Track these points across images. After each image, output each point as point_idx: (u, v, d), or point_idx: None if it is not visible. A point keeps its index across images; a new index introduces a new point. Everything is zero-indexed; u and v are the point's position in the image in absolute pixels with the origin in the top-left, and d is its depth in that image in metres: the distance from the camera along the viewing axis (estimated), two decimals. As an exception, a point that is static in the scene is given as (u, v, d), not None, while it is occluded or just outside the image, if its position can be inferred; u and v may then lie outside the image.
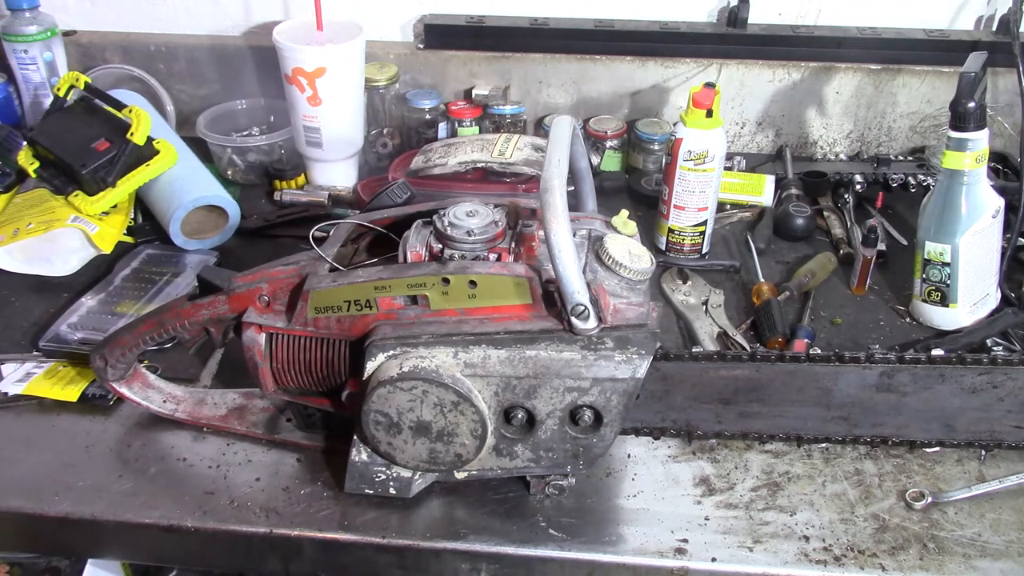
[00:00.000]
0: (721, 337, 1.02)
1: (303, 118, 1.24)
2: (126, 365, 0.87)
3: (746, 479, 0.84)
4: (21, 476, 0.84)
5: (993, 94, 1.31)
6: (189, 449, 0.88)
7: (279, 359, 0.80)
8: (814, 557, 0.76)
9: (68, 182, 1.16)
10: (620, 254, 0.75)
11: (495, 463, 0.77)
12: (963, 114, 0.95)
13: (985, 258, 1.01)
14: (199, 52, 1.44)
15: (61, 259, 1.12)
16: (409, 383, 0.72)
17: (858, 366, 0.80)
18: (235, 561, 0.83)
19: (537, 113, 1.43)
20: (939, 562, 0.76)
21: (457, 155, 1.21)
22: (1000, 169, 1.29)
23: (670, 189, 1.12)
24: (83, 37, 1.45)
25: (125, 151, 1.13)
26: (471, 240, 0.74)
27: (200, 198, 1.16)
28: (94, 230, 1.12)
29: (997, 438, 0.83)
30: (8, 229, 1.12)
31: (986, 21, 1.35)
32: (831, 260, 1.14)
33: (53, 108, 1.21)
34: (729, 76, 1.36)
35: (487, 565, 0.79)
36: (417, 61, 1.40)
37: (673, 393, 0.83)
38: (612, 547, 0.78)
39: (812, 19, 1.36)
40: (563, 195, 0.69)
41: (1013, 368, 0.79)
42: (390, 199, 0.86)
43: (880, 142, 1.40)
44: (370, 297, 0.74)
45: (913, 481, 0.83)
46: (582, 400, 0.73)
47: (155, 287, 1.09)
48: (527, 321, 0.72)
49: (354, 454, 0.79)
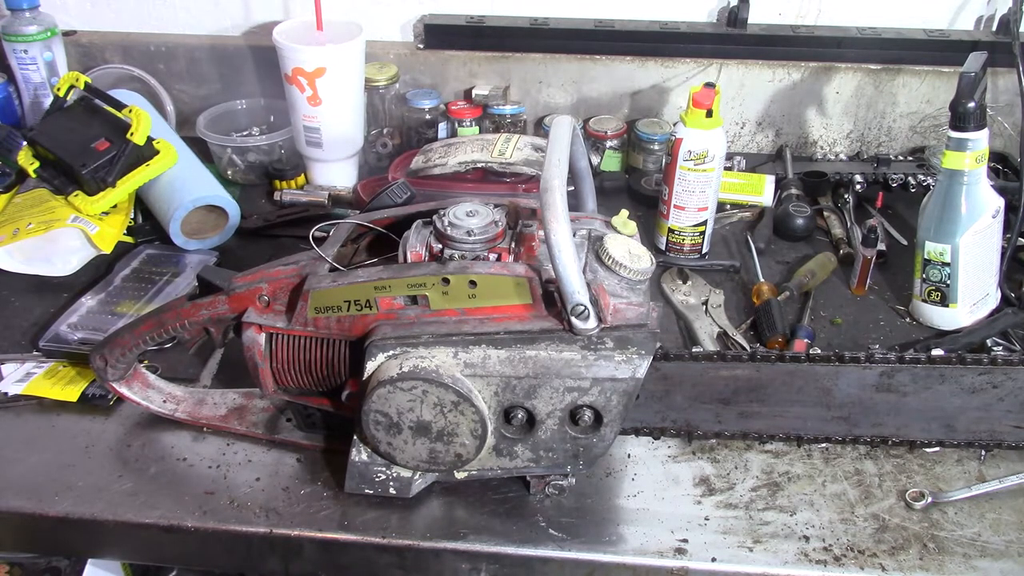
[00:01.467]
0: (721, 337, 1.02)
1: (303, 118, 1.24)
2: (126, 365, 0.87)
3: (746, 479, 0.84)
4: (21, 476, 0.84)
5: (993, 94, 1.31)
6: (189, 449, 0.88)
7: (279, 359, 0.80)
8: (814, 557, 0.76)
9: (68, 182, 1.16)
10: (620, 254, 0.75)
11: (495, 463, 0.77)
12: (963, 114, 0.95)
13: (985, 258, 1.01)
14: (199, 52, 1.44)
15: (61, 259, 1.12)
16: (409, 383, 0.72)
17: (858, 366, 0.80)
18: (235, 561, 0.83)
19: (537, 113, 1.43)
20: (939, 562, 0.76)
21: (457, 155, 1.21)
22: (1000, 169, 1.29)
23: (670, 189, 1.13)
24: (83, 37, 1.45)
25: (125, 151, 1.13)
26: (471, 240, 0.74)
27: (200, 198, 1.16)
28: (94, 230, 1.12)
29: (997, 438, 0.83)
30: (8, 229, 1.12)
31: (986, 21, 1.35)
32: (831, 260, 1.14)
33: (53, 108, 1.21)
34: (729, 76, 1.36)
35: (487, 565, 0.79)
36: (417, 61, 1.40)
37: (673, 393, 0.83)
38: (612, 547, 0.78)
39: (812, 19, 1.36)
40: (563, 195, 0.69)
41: (1013, 368, 0.79)
42: (390, 199, 0.86)
43: (880, 142, 1.40)
44: (370, 297, 0.74)
45: (913, 481, 0.83)
46: (582, 400, 0.73)
47: (155, 287, 1.09)
48: (527, 321, 0.72)
49: (354, 454, 0.79)
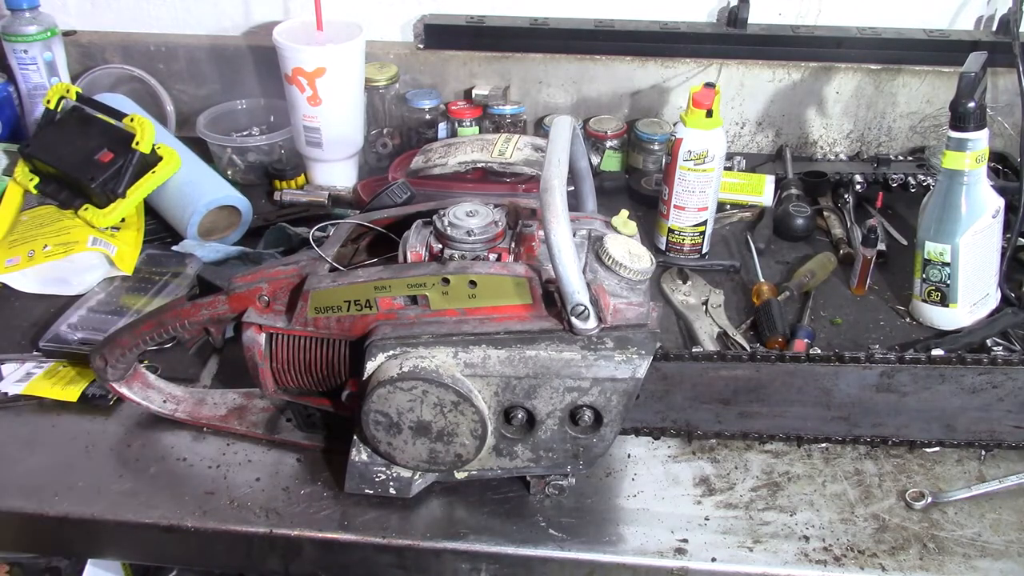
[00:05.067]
0: (721, 337, 1.02)
1: (303, 118, 1.24)
2: (126, 365, 0.87)
3: (746, 479, 0.84)
4: (21, 476, 0.84)
5: (993, 94, 1.31)
6: (189, 449, 0.88)
7: (279, 359, 0.80)
8: (814, 557, 0.77)
9: (74, 196, 1.15)
10: (620, 254, 0.75)
11: (495, 463, 0.77)
12: (963, 114, 0.95)
13: (985, 258, 1.01)
14: (199, 52, 1.44)
15: (78, 278, 1.09)
16: (409, 383, 0.72)
17: (858, 366, 0.80)
18: (235, 561, 0.83)
19: (537, 113, 1.43)
20: (939, 562, 0.76)
21: (457, 155, 1.21)
22: (1000, 169, 1.28)
23: (670, 189, 1.12)
24: (83, 37, 1.45)
25: (132, 160, 1.11)
26: (471, 240, 0.74)
27: (214, 200, 1.16)
28: (114, 251, 1.10)
29: (997, 438, 0.83)
30: (22, 250, 1.10)
31: (986, 21, 1.35)
32: (831, 260, 1.14)
33: (45, 121, 1.19)
34: (729, 76, 1.36)
35: (487, 565, 0.79)
36: (417, 61, 1.40)
37: (673, 393, 0.83)
38: (612, 547, 0.78)
39: (812, 19, 1.36)
40: (563, 195, 0.69)
41: (1013, 368, 0.79)
42: (390, 199, 0.86)
43: (880, 142, 1.40)
44: (370, 297, 0.74)
45: (913, 481, 0.83)
46: (582, 400, 0.73)
47: (155, 287, 1.09)
48: (527, 321, 0.72)
49: (354, 454, 0.79)
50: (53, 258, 1.08)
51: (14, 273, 1.09)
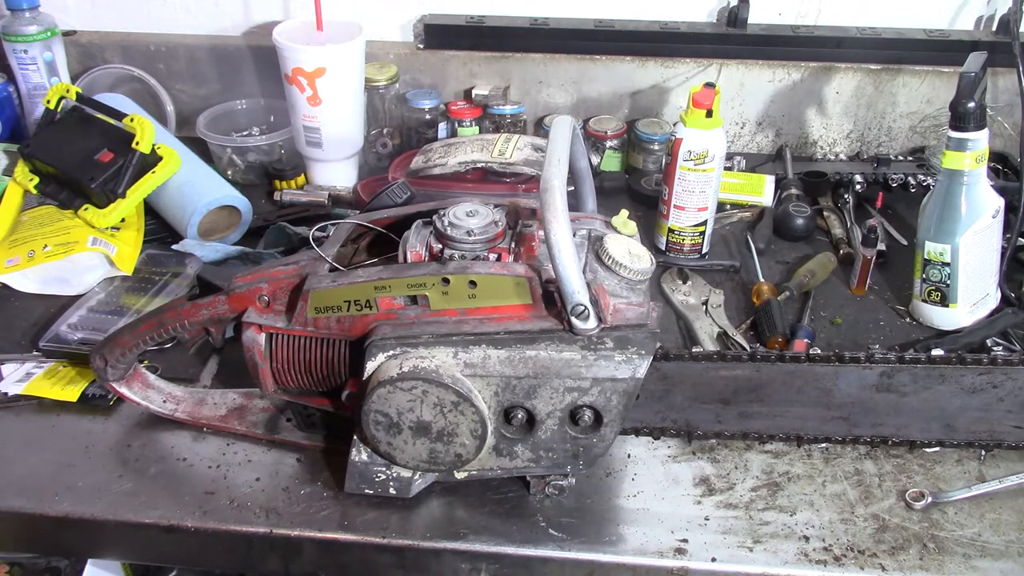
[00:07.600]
0: (721, 337, 1.02)
1: (303, 118, 1.24)
2: (126, 365, 0.87)
3: (746, 479, 0.84)
4: (21, 476, 0.84)
5: (993, 94, 1.31)
6: (189, 449, 0.88)
7: (279, 359, 0.80)
8: (814, 557, 0.77)
9: (74, 196, 1.15)
10: (620, 254, 0.75)
11: (495, 463, 0.77)
12: (963, 114, 0.95)
13: (985, 258, 1.01)
14: (199, 52, 1.44)
15: (78, 278, 1.09)
16: (409, 383, 0.72)
17: (858, 366, 0.80)
18: (235, 561, 0.83)
19: (537, 113, 1.43)
20: (939, 562, 0.76)
21: (457, 155, 1.21)
22: (1000, 169, 1.29)
23: (670, 189, 1.13)
24: (83, 37, 1.45)
25: (132, 160, 1.11)
26: (471, 240, 0.74)
27: (214, 200, 1.16)
28: (114, 251, 1.10)
29: (997, 438, 0.83)
30: (22, 250, 1.10)
31: (986, 21, 1.35)
32: (831, 260, 1.14)
33: (45, 121, 1.19)
34: (729, 76, 1.36)
35: (487, 565, 0.79)
36: (417, 61, 1.40)
37: (673, 393, 0.83)
38: (612, 547, 0.78)
39: (812, 19, 1.36)
40: (563, 195, 0.69)
41: (1013, 368, 0.79)
42: (390, 199, 0.86)
43: (880, 142, 1.40)
44: (370, 297, 0.74)
45: (913, 481, 0.83)
46: (582, 400, 0.73)
47: (155, 287, 1.09)
48: (527, 321, 0.72)
49: (354, 454, 0.79)
50: (53, 258, 1.08)
51: (14, 273, 1.09)
